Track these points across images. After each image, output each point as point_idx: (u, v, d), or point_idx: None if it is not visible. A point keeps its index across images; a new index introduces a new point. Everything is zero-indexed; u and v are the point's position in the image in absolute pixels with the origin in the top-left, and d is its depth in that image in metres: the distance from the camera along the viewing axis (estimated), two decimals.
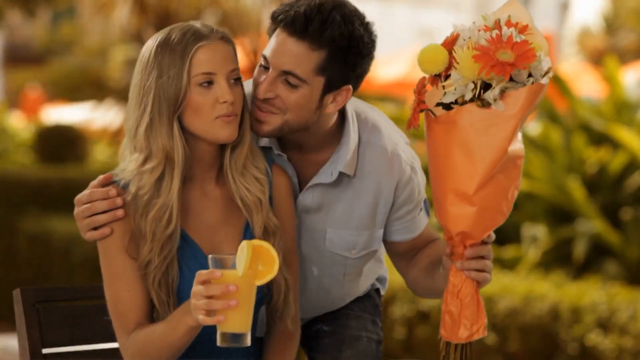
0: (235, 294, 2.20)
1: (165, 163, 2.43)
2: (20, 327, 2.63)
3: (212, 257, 2.24)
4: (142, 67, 2.46)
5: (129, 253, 2.44)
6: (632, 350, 5.18)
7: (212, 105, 2.43)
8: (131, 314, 2.43)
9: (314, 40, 2.50)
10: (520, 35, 2.34)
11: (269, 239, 2.48)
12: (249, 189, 2.49)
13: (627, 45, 27.50)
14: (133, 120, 2.46)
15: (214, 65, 2.44)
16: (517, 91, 2.31)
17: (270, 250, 2.25)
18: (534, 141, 7.37)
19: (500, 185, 2.38)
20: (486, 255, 2.45)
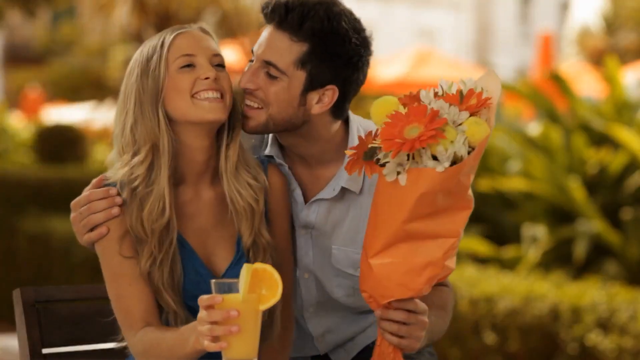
0: (237, 319, 2.17)
1: (153, 152, 2.44)
2: (20, 327, 2.63)
3: (215, 282, 2.21)
4: (126, 77, 2.50)
5: (122, 254, 2.43)
6: (632, 350, 5.18)
7: (193, 85, 2.44)
8: (135, 310, 2.42)
9: (294, 31, 2.50)
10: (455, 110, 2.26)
11: (259, 255, 2.48)
12: (240, 193, 2.48)
13: (627, 45, 27.52)
14: (119, 125, 2.48)
15: (194, 47, 2.46)
16: (419, 170, 2.24)
17: (274, 274, 2.22)
18: (534, 141, 7.37)
19: (402, 257, 2.29)
20: (404, 320, 2.34)
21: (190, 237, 2.48)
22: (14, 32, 29.13)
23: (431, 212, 2.27)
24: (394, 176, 2.26)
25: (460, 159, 2.25)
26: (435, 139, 2.22)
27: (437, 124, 2.22)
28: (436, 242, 2.30)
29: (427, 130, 2.21)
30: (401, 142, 2.22)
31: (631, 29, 28.19)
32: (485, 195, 7.49)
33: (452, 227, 2.31)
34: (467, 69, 17.10)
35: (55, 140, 11.58)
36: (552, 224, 6.98)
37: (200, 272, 2.47)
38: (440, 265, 2.30)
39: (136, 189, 2.43)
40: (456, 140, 2.24)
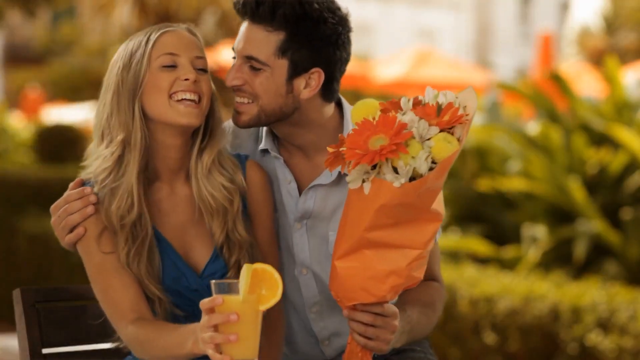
0: (238, 320, 2.17)
1: (124, 146, 2.45)
2: (20, 327, 2.63)
3: (215, 282, 2.21)
4: (108, 70, 2.51)
5: (102, 251, 2.44)
6: (632, 350, 5.18)
7: (172, 84, 2.45)
8: (123, 300, 2.42)
9: (268, 22, 2.52)
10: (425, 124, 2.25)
11: (234, 251, 2.48)
12: (213, 195, 2.49)
13: (627, 45, 27.53)
14: (98, 117, 2.49)
15: (178, 47, 2.47)
16: (380, 181, 2.25)
17: (274, 274, 2.22)
18: (534, 141, 7.37)
19: (367, 262, 2.29)
20: (371, 322, 2.35)
21: (168, 233, 2.49)
22: (14, 32, 29.13)
23: (392, 223, 2.28)
24: (357, 184, 2.27)
25: (420, 175, 2.24)
26: (396, 154, 2.22)
27: (402, 137, 2.22)
28: (400, 252, 2.30)
29: (389, 144, 2.21)
30: (362, 154, 2.23)
31: (631, 29, 28.21)
32: (485, 195, 7.50)
33: (418, 239, 2.31)
34: (467, 69, 17.11)
35: (55, 140, 11.58)
36: (552, 224, 6.98)
37: (179, 267, 2.48)
38: (404, 275, 2.30)
39: (105, 182, 2.45)
40: (418, 156, 2.23)
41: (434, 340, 5.83)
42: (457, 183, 7.70)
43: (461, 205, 7.62)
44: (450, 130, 2.27)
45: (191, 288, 2.47)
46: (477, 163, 7.75)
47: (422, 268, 2.34)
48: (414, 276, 2.33)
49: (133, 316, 2.41)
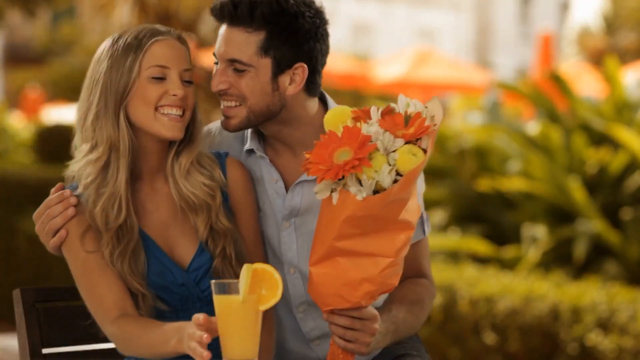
0: (238, 320, 2.19)
1: (110, 152, 2.46)
2: (20, 327, 2.63)
3: (215, 282, 2.21)
4: (94, 62, 2.50)
5: (86, 250, 2.45)
6: (632, 350, 5.18)
7: (159, 98, 2.46)
8: (108, 298, 2.43)
9: (247, 23, 2.53)
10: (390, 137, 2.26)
11: (219, 242, 2.50)
12: (194, 193, 2.51)
13: (627, 45, 27.53)
14: (82, 112, 2.50)
15: (169, 60, 2.47)
16: (346, 193, 2.26)
17: (274, 274, 2.22)
18: (534, 141, 7.37)
19: (340, 269, 2.31)
20: (348, 326, 2.37)
21: (151, 230, 2.51)
22: (14, 32, 29.13)
23: (360, 233, 2.30)
24: (325, 194, 2.29)
25: (384, 189, 2.25)
26: (359, 168, 2.23)
27: (365, 151, 2.23)
28: (372, 260, 2.31)
29: (353, 158, 2.23)
30: (325, 169, 2.25)
31: (631, 29, 28.21)
32: (485, 195, 7.50)
33: (388, 248, 2.32)
34: (467, 69, 17.11)
35: (55, 140, 11.57)
36: (552, 224, 6.98)
37: (164, 263, 2.49)
38: (378, 282, 2.32)
39: (89, 186, 2.46)
40: (381, 170, 2.24)
41: (434, 340, 5.82)
42: (457, 183, 7.70)
43: (461, 205, 7.62)
44: (417, 142, 2.29)
45: (178, 283, 2.49)
46: (477, 163, 7.75)
47: (396, 275, 2.36)
48: (388, 283, 2.34)
49: (117, 313, 2.42)
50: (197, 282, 2.50)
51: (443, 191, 7.63)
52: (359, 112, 2.34)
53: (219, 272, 2.48)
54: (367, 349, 2.39)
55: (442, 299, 5.80)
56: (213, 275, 2.49)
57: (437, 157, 8.07)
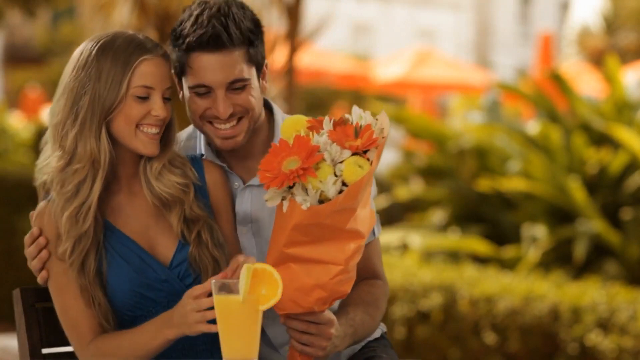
0: (238, 320, 2.21)
1: (90, 166, 2.49)
2: (20, 327, 2.63)
3: (215, 282, 2.23)
4: (80, 66, 2.52)
5: (58, 257, 2.49)
6: (632, 350, 5.18)
7: (142, 117, 2.50)
8: (82, 322, 2.48)
9: (232, 45, 2.58)
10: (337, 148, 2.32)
11: (194, 229, 2.53)
12: (166, 191, 2.54)
13: (627, 45, 27.53)
14: (62, 117, 2.50)
15: (155, 80, 2.51)
16: (294, 201, 2.32)
17: (274, 273, 2.24)
18: (534, 141, 7.37)
19: (293, 275, 2.36)
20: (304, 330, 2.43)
21: (132, 233, 2.54)
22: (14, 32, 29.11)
23: (309, 241, 2.35)
24: (275, 202, 2.35)
25: (328, 199, 2.31)
26: (304, 178, 2.29)
27: (313, 160, 2.29)
28: (323, 267, 2.36)
29: (298, 168, 2.29)
30: (272, 177, 2.31)
31: (631, 29, 28.20)
32: (485, 195, 7.50)
33: (338, 256, 2.37)
34: (467, 69, 17.11)
35: None
36: (552, 224, 6.98)
37: (145, 260, 2.53)
38: (329, 289, 2.37)
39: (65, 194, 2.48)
40: (326, 180, 2.29)
41: (434, 340, 5.82)
42: (457, 183, 7.70)
43: (461, 205, 7.62)
44: (365, 154, 2.34)
45: (161, 279, 2.52)
46: (477, 163, 7.75)
47: (348, 283, 2.40)
48: (340, 290, 2.39)
49: (92, 337, 2.48)
50: (180, 278, 2.53)
51: (443, 191, 7.63)
52: (314, 121, 2.40)
53: (195, 258, 2.52)
54: (323, 352, 2.45)
55: (442, 299, 5.80)
56: (190, 262, 2.52)
57: (437, 157, 8.07)
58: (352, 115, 2.38)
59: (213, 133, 2.62)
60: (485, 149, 7.74)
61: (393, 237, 7.46)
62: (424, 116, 8.71)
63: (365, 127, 2.34)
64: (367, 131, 2.33)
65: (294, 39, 7.23)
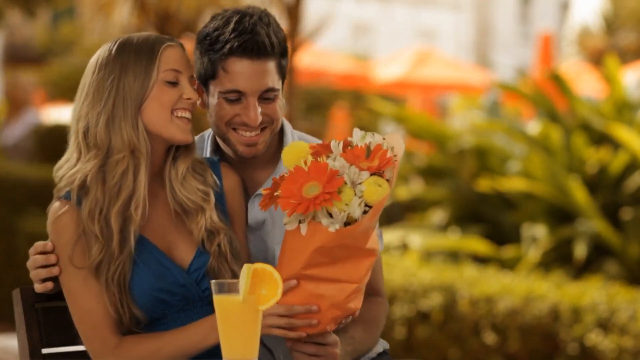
0: (238, 320, 2.21)
1: (131, 156, 2.48)
2: (20, 327, 2.63)
3: (215, 282, 2.22)
4: (101, 66, 2.51)
5: (73, 264, 2.47)
6: (632, 350, 5.18)
7: (175, 101, 2.50)
8: (105, 326, 2.46)
9: (271, 53, 2.62)
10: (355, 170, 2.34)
11: (214, 240, 2.53)
12: (189, 198, 2.54)
13: (627, 45, 27.51)
14: (89, 119, 2.49)
15: (182, 64, 2.53)
16: (316, 224, 2.34)
17: (274, 273, 2.24)
18: (534, 141, 7.37)
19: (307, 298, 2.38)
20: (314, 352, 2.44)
21: (150, 234, 2.53)
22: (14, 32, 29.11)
23: (329, 262, 2.36)
24: (294, 225, 2.36)
25: (354, 220, 2.34)
26: (330, 202, 2.31)
27: (335, 185, 2.31)
28: (338, 286, 2.38)
29: (323, 192, 2.30)
30: (296, 203, 2.32)
31: (631, 29, 28.20)
32: (485, 195, 7.50)
33: (354, 274, 2.39)
34: (467, 69, 17.11)
35: (55, 140, 11.54)
36: (552, 224, 6.98)
37: (165, 264, 2.51)
38: (343, 307, 2.39)
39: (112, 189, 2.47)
40: (351, 203, 2.32)
41: (434, 340, 5.82)
42: (457, 183, 7.70)
43: (461, 205, 7.62)
44: (381, 173, 2.37)
45: (179, 283, 2.51)
46: (477, 163, 7.75)
47: (359, 299, 2.43)
48: (352, 308, 2.42)
49: (116, 340, 2.46)
50: (197, 282, 2.52)
51: (443, 191, 7.63)
52: (317, 147, 2.42)
53: (214, 270, 2.51)
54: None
55: (442, 299, 5.80)
56: (209, 273, 2.51)
57: (437, 157, 8.07)
58: (353, 137, 2.41)
59: (237, 140, 2.63)
60: (485, 149, 7.74)
61: (393, 237, 7.46)
62: (424, 116, 8.72)
63: (376, 147, 2.37)
64: (379, 151, 2.36)
65: (294, 39, 7.24)
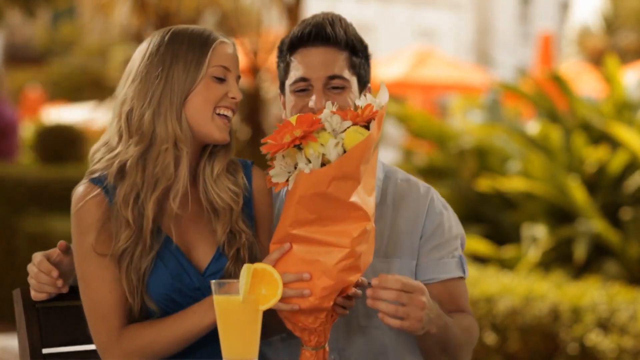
0: (237, 320, 2.20)
1: (174, 147, 2.45)
2: (20, 327, 2.62)
3: (215, 282, 2.22)
4: (152, 52, 2.47)
5: (95, 250, 2.43)
6: (632, 350, 5.18)
7: (220, 98, 2.47)
8: (114, 316, 2.43)
9: (336, 41, 2.62)
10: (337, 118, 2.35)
11: (234, 244, 2.50)
12: (220, 196, 2.51)
13: (627, 45, 27.53)
14: (135, 103, 2.46)
15: (231, 62, 2.50)
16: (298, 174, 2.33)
17: (274, 273, 2.23)
18: (534, 140, 7.37)
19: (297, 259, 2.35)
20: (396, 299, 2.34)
21: (171, 232, 2.49)
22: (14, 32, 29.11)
23: (315, 219, 2.33)
24: (281, 178, 2.36)
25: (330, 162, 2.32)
26: (305, 140, 2.31)
27: (313, 128, 2.32)
28: (327, 249, 2.33)
29: (300, 135, 2.31)
30: (274, 144, 2.33)
31: (631, 29, 28.20)
32: (485, 195, 7.50)
33: (343, 237, 2.33)
34: (467, 69, 17.11)
35: (55, 140, 11.56)
36: (552, 224, 6.98)
37: (183, 265, 2.48)
38: (334, 277, 2.32)
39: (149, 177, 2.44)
40: (327, 144, 2.32)
41: None
42: (457, 183, 7.70)
43: (461, 205, 7.62)
44: (366, 126, 2.36)
45: (194, 286, 2.48)
46: (477, 163, 7.75)
47: (354, 272, 2.35)
48: (345, 280, 2.34)
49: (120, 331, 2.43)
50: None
51: (443, 191, 7.63)
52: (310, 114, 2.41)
53: (230, 275, 2.47)
54: (420, 324, 2.36)
55: None
56: (225, 276, 2.47)
57: (437, 156, 8.07)
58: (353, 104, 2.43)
59: None
60: (485, 149, 7.74)
61: None
62: (424, 115, 8.72)
63: (365, 106, 2.37)
64: (367, 108, 2.36)
65: None
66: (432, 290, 2.58)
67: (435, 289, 2.63)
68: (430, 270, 2.67)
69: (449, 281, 2.66)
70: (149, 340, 2.40)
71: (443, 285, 2.66)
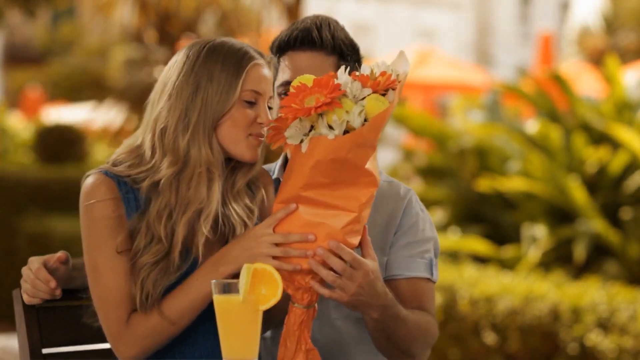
0: (237, 320, 2.19)
1: (206, 171, 2.43)
2: (20, 327, 2.63)
3: (215, 282, 2.22)
4: (188, 68, 2.44)
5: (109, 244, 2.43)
6: (632, 350, 5.18)
7: (250, 123, 2.45)
8: (125, 305, 2.42)
9: (322, 45, 2.63)
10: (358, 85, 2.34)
11: None
12: (237, 212, 2.49)
13: (627, 45, 27.52)
14: (170, 122, 2.44)
15: (263, 86, 2.46)
16: (316, 138, 2.31)
17: (274, 273, 2.23)
18: (534, 141, 7.38)
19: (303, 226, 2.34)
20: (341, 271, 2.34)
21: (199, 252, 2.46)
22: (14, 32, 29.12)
23: (328, 183, 2.32)
24: (296, 140, 2.34)
25: (354, 129, 2.32)
26: (330, 107, 2.30)
27: (336, 93, 2.30)
28: (335, 213, 2.33)
29: (324, 100, 2.29)
30: (297, 108, 2.30)
31: (631, 29, 28.20)
32: (485, 195, 7.50)
33: (352, 202, 2.34)
34: (467, 69, 17.11)
35: (55, 140, 11.57)
36: (552, 224, 6.98)
37: None
38: (339, 240, 2.32)
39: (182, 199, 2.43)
40: (352, 111, 2.31)
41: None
42: (457, 183, 7.70)
43: (461, 205, 7.62)
44: (384, 94, 2.36)
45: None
46: (477, 163, 7.75)
47: (356, 235, 2.36)
48: (349, 243, 2.34)
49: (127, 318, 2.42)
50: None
51: (443, 191, 7.63)
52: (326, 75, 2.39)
53: None
54: (348, 298, 2.36)
55: (442, 299, 5.80)
56: None
57: (437, 157, 8.07)
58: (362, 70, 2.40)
59: None
60: (485, 149, 7.74)
61: None
62: (424, 115, 8.72)
63: (381, 73, 2.36)
64: (384, 75, 2.35)
65: None
66: (397, 286, 2.62)
67: (400, 285, 2.65)
68: (398, 266, 2.68)
69: (416, 280, 2.66)
70: (155, 322, 2.39)
71: (408, 283, 2.66)
